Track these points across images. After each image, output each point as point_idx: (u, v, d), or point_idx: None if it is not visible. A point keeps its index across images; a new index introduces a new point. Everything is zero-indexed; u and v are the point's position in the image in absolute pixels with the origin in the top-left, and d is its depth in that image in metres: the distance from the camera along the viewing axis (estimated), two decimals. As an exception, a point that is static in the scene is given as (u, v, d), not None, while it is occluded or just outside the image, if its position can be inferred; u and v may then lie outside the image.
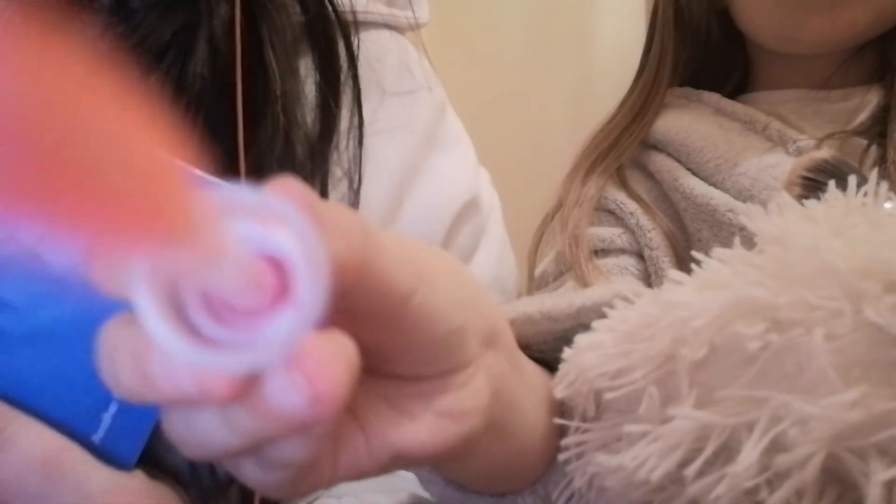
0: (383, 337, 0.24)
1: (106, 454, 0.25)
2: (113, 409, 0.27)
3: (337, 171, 0.38)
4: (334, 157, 0.38)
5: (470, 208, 0.45)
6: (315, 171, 0.37)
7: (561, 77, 1.04)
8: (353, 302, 0.22)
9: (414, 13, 0.43)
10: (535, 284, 0.60)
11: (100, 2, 0.34)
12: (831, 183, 0.33)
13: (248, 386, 0.18)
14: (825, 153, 0.37)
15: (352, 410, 0.25)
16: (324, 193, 0.38)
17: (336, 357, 0.19)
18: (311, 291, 0.17)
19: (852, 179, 0.32)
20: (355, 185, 0.39)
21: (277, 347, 0.17)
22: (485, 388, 0.27)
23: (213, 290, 0.17)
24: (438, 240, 0.44)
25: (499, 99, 0.97)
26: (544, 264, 0.60)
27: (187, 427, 0.20)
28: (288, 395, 0.18)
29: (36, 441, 0.25)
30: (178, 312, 0.17)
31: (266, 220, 0.17)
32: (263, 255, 0.17)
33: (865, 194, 0.32)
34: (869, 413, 0.25)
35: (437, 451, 0.25)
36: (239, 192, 0.16)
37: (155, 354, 0.18)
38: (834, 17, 0.55)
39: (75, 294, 0.24)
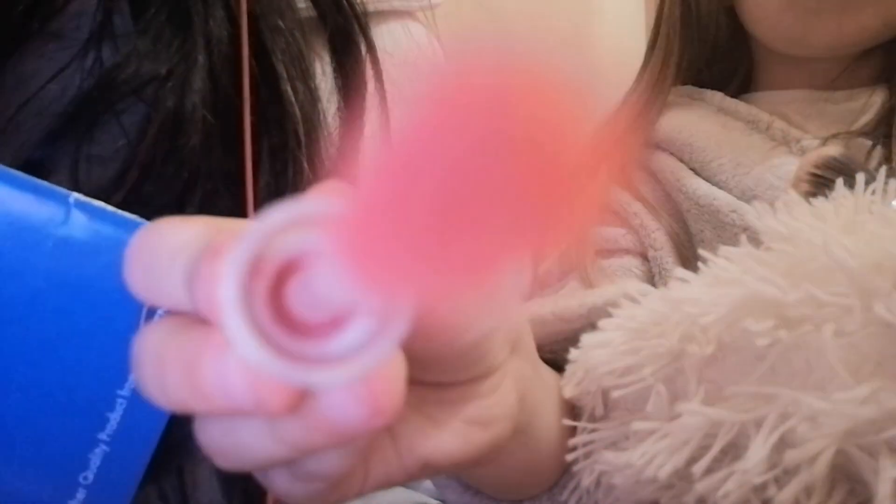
0: (412, 344, 0.23)
1: None
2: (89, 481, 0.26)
3: None
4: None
5: None
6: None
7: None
8: None
9: None
10: (537, 283, 0.60)
11: (77, 25, 0.31)
12: (839, 181, 0.33)
13: (304, 397, 0.17)
14: (833, 150, 0.37)
15: None
16: None
17: (399, 370, 0.18)
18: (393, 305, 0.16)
19: (860, 177, 0.32)
20: None
21: (368, 361, 0.16)
22: (512, 395, 0.27)
23: (288, 302, 0.16)
24: None
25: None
26: (547, 262, 0.60)
27: (227, 437, 0.19)
28: (348, 408, 0.17)
29: None
30: (257, 325, 0.16)
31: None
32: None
33: (874, 192, 0.32)
34: (880, 409, 0.25)
35: (466, 460, 0.25)
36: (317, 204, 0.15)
37: (207, 364, 0.17)
38: (843, 23, 0.54)
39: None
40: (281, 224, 0.15)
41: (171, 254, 0.18)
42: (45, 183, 0.24)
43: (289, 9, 0.35)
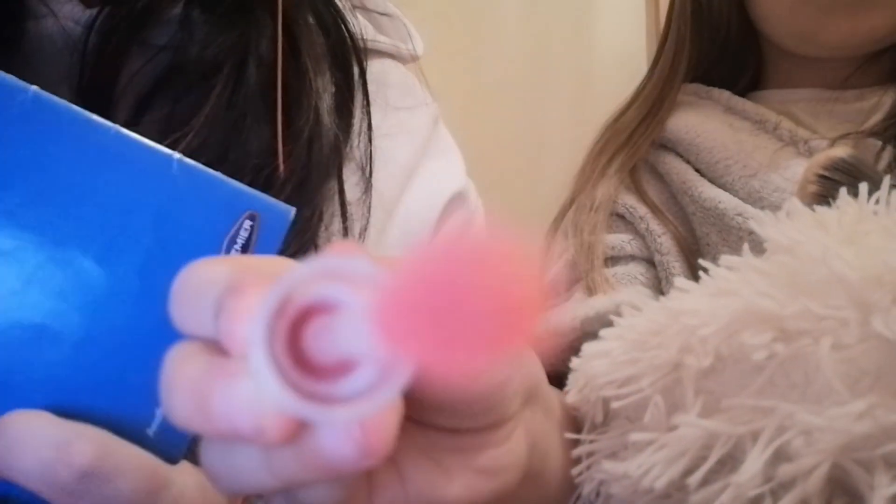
0: (426, 390, 0.24)
1: (158, 448, 0.26)
2: None
3: (351, 164, 0.43)
4: (349, 151, 0.43)
5: (458, 199, 0.49)
6: (334, 162, 0.42)
7: (561, 77, 1.03)
8: None
9: (413, 46, 0.51)
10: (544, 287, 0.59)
11: (170, 14, 0.38)
12: (843, 190, 0.33)
13: (300, 430, 0.18)
14: (841, 151, 0.37)
15: (392, 460, 0.25)
16: (340, 181, 0.41)
17: (392, 411, 0.19)
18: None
19: (863, 186, 0.32)
20: (367, 173, 0.43)
21: (371, 405, 0.17)
22: (523, 444, 0.27)
23: (305, 342, 0.18)
24: (430, 228, 0.47)
25: (499, 98, 0.97)
26: (555, 269, 0.60)
27: (225, 462, 0.21)
28: (341, 445, 0.18)
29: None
30: (277, 362, 0.17)
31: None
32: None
33: (878, 201, 0.31)
34: (876, 425, 0.25)
35: None
36: (337, 261, 0.17)
37: (218, 388, 0.18)
38: (855, 22, 0.54)
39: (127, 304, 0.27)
40: (311, 276, 0.17)
41: (203, 288, 0.20)
42: (153, 143, 0.28)
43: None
